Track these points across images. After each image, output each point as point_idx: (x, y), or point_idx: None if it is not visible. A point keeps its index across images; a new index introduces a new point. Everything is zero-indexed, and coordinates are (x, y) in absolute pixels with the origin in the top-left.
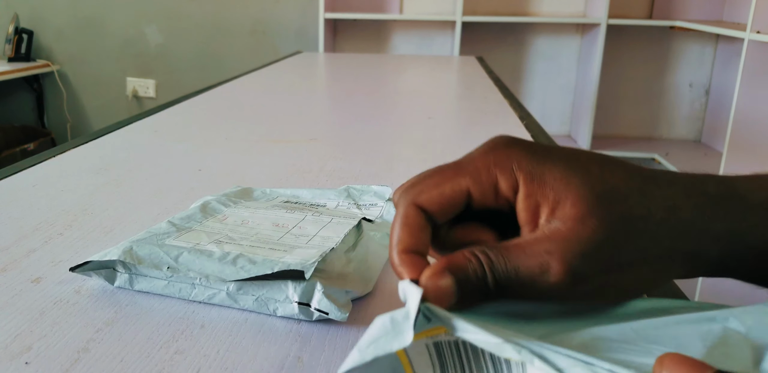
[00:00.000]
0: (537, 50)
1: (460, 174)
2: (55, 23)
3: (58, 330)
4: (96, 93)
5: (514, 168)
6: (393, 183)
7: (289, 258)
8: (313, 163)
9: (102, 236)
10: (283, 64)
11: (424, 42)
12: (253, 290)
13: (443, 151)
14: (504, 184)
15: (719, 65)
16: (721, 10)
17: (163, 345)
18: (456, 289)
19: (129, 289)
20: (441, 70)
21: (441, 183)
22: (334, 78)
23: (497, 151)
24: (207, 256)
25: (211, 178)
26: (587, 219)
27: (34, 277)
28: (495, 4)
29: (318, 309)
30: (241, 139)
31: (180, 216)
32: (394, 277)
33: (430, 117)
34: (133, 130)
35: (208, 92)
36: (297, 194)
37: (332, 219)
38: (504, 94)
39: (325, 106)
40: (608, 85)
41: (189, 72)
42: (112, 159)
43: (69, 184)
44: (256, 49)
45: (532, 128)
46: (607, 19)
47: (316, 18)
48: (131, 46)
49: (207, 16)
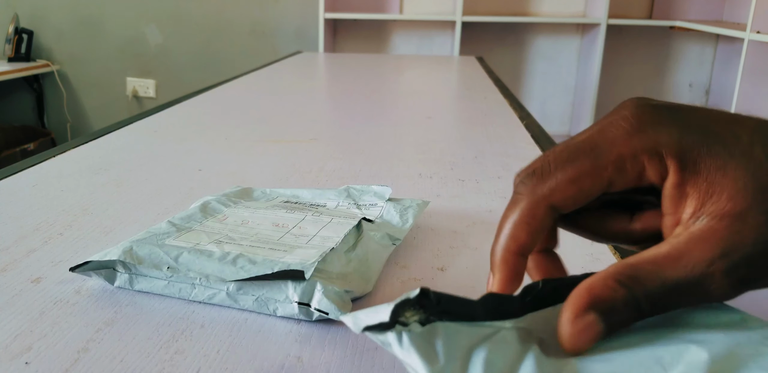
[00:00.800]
0: (537, 50)
1: (601, 165)
2: (55, 23)
3: (58, 330)
4: (96, 93)
5: (665, 154)
6: (393, 183)
7: (289, 258)
8: (313, 163)
9: (102, 236)
10: (283, 65)
11: (424, 42)
12: (253, 290)
13: (443, 152)
14: (652, 172)
15: (719, 65)
16: (721, 10)
17: (163, 345)
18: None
19: (129, 289)
20: (441, 70)
21: (579, 178)
22: (334, 78)
23: (642, 133)
24: (207, 256)
25: (211, 178)
26: (748, 216)
27: (34, 277)
28: (495, 4)
29: (318, 309)
30: (241, 139)
31: (180, 216)
32: (394, 277)
33: (429, 117)
34: (133, 130)
35: (208, 92)
36: (297, 193)
37: (332, 219)
38: (504, 94)
39: (325, 106)
40: (608, 85)
41: (189, 72)
42: (112, 159)
43: (69, 185)
44: (255, 49)
45: (532, 128)
46: (607, 19)
47: (316, 18)
48: (131, 46)
49: (207, 16)
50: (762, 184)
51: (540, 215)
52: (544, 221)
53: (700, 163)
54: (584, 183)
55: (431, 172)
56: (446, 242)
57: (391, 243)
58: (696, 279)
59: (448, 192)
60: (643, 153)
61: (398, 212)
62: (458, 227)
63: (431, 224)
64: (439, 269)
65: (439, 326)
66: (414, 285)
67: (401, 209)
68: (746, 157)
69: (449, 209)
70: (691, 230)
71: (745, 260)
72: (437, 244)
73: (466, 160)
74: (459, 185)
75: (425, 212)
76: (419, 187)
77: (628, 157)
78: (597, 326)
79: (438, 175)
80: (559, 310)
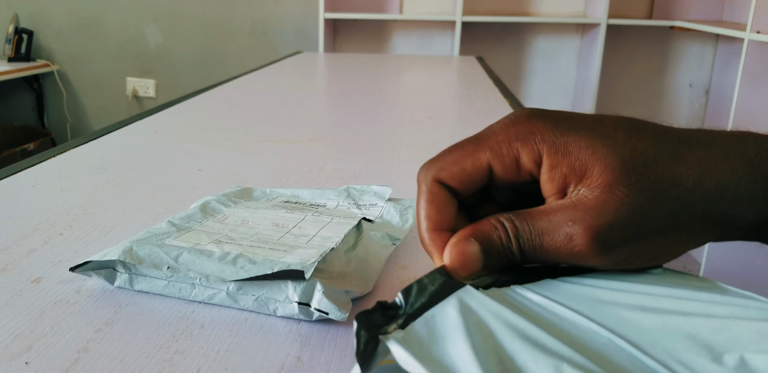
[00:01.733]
0: (537, 50)
1: (481, 148)
2: (55, 23)
3: (58, 330)
4: (96, 93)
5: (537, 140)
6: (393, 183)
7: (289, 258)
8: (313, 163)
9: (102, 236)
10: (283, 64)
11: (424, 42)
12: (253, 290)
13: None
14: (526, 157)
15: (719, 65)
16: (721, 10)
17: (163, 345)
18: (482, 255)
19: (129, 289)
20: (441, 70)
21: (461, 158)
22: (334, 78)
23: (518, 124)
24: (207, 256)
25: (211, 178)
26: (615, 188)
27: (34, 277)
28: (495, 4)
29: (318, 309)
30: (241, 139)
31: (180, 216)
32: (394, 277)
33: (429, 117)
34: (133, 130)
35: (208, 92)
36: (297, 193)
37: (332, 219)
38: (504, 94)
39: (325, 106)
40: (608, 85)
41: (189, 72)
42: (112, 159)
43: (69, 185)
44: (255, 50)
45: None
46: (607, 19)
47: (316, 18)
48: (131, 46)
49: (207, 16)
50: (625, 161)
51: (437, 191)
52: (443, 195)
53: (570, 144)
54: (466, 163)
55: None
56: None
57: (391, 243)
58: (560, 234)
59: None
60: (517, 139)
61: (398, 212)
62: None
63: None
64: None
65: (415, 324)
66: None
67: (401, 209)
68: (611, 138)
69: None
70: (569, 198)
71: (607, 224)
72: None
73: None
74: None
75: None
76: None
77: (504, 142)
78: (476, 253)
79: None
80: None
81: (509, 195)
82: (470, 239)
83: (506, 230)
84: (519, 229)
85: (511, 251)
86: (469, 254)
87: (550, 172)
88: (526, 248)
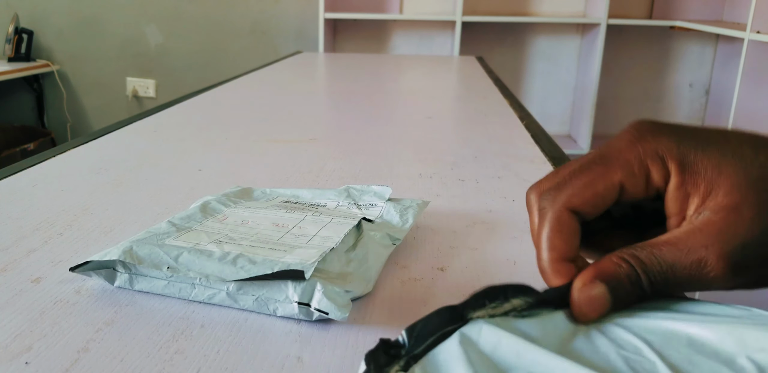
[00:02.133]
0: (537, 50)
1: (612, 169)
2: (55, 23)
3: (58, 330)
4: (96, 93)
5: (666, 158)
6: (393, 183)
7: (289, 258)
8: (313, 163)
9: (102, 236)
10: (283, 64)
11: (424, 42)
12: (253, 290)
13: (443, 151)
14: (656, 175)
15: (719, 65)
16: (721, 10)
17: (163, 345)
18: (609, 297)
19: (129, 289)
20: (441, 70)
21: (593, 182)
22: (334, 78)
23: (644, 141)
24: (207, 256)
25: (211, 178)
26: (743, 208)
27: (34, 277)
28: (495, 4)
29: (318, 309)
30: (241, 139)
31: (180, 216)
32: (394, 277)
33: (429, 117)
34: (133, 131)
35: (208, 92)
36: (297, 193)
37: (332, 219)
38: (504, 94)
39: (325, 106)
40: (608, 85)
41: (189, 72)
42: (112, 159)
43: (69, 184)
44: (256, 49)
45: (532, 128)
46: (607, 19)
47: (316, 18)
48: (131, 46)
49: (207, 16)
50: (752, 180)
51: (567, 221)
52: (572, 226)
53: (697, 163)
54: (598, 186)
55: (431, 173)
56: (446, 242)
57: (391, 243)
58: (691, 262)
59: (448, 192)
60: (647, 157)
61: (398, 212)
62: (458, 227)
63: (431, 224)
64: (439, 269)
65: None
66: (414, 285)
67: (401, 209)
68: (737, 156)
69: (449, 209)
70: (691, 222)
71: (739, 246)
72: (437, 244)
73: (466, 160)
74: (459, 185)
75: (425, 212)
76: (419, 187)
77: (635, 161)
78: (604, 295)
79: (438, 176)
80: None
81: (627, 210)
82: (596, 281)
83: (632, 267)
84: (647, 263)
85: (641, 287)
86: (598, 298)
87: (677, 190)
88: (658, 281)
